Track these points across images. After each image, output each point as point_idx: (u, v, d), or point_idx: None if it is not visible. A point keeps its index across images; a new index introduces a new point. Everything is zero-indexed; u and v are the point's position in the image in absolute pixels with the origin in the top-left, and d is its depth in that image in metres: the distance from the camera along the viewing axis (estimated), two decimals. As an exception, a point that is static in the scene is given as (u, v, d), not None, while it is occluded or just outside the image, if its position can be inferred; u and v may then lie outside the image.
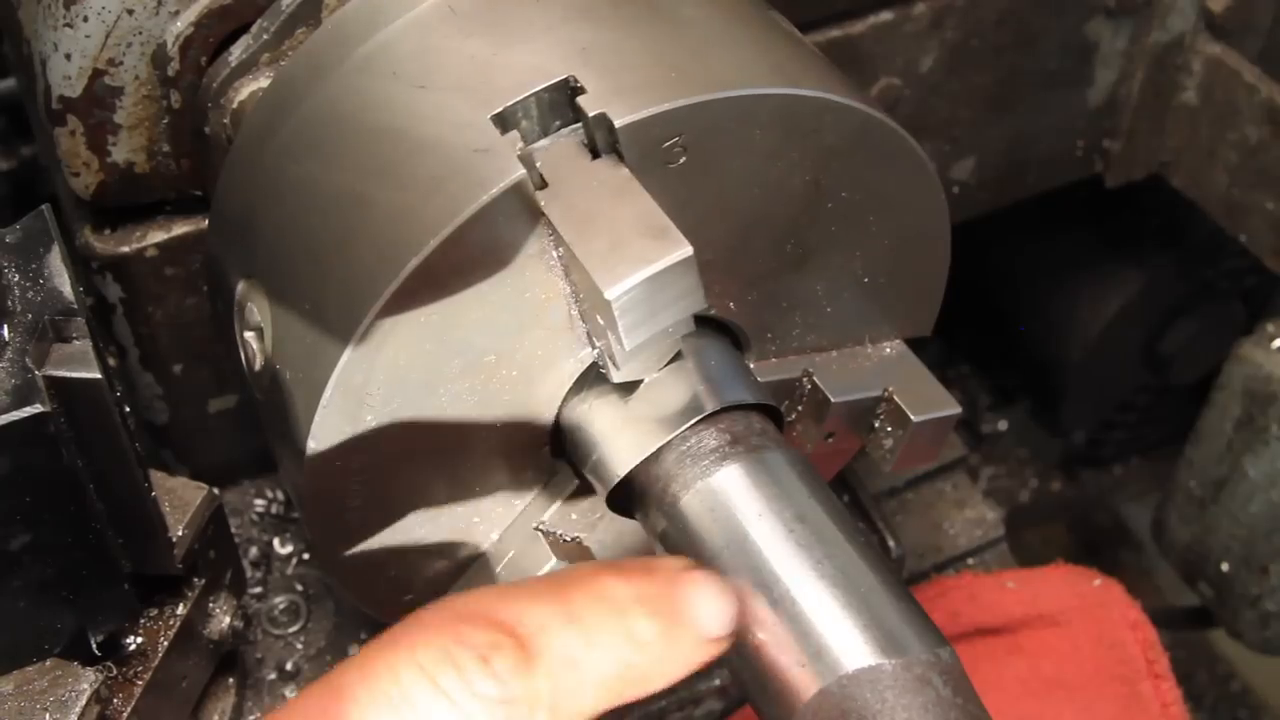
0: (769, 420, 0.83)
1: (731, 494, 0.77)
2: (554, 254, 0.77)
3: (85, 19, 0.91)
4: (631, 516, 0.85)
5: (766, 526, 0.75)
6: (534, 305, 0.79)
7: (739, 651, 0.72)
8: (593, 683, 0.62)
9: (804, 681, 0.70)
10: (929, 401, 0.91)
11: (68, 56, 0.92)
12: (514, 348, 0.80)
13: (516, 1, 0.82)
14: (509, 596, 0.62)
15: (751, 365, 0.89)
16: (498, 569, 0.88)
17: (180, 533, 0.91)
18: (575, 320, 0.80)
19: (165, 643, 0.92)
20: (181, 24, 0.92)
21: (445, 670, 0.57)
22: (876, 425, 0.93)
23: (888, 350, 0.94)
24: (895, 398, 0.91)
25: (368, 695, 0.57)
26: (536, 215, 0.75)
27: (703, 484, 0.78)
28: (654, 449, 0.80)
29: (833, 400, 0.90)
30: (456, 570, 0.89)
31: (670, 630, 0.65)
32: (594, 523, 0.87)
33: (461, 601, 0.61)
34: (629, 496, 0.83)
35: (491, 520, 0.88)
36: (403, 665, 0.58)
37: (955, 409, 0.91)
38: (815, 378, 0.91)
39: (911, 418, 0.90)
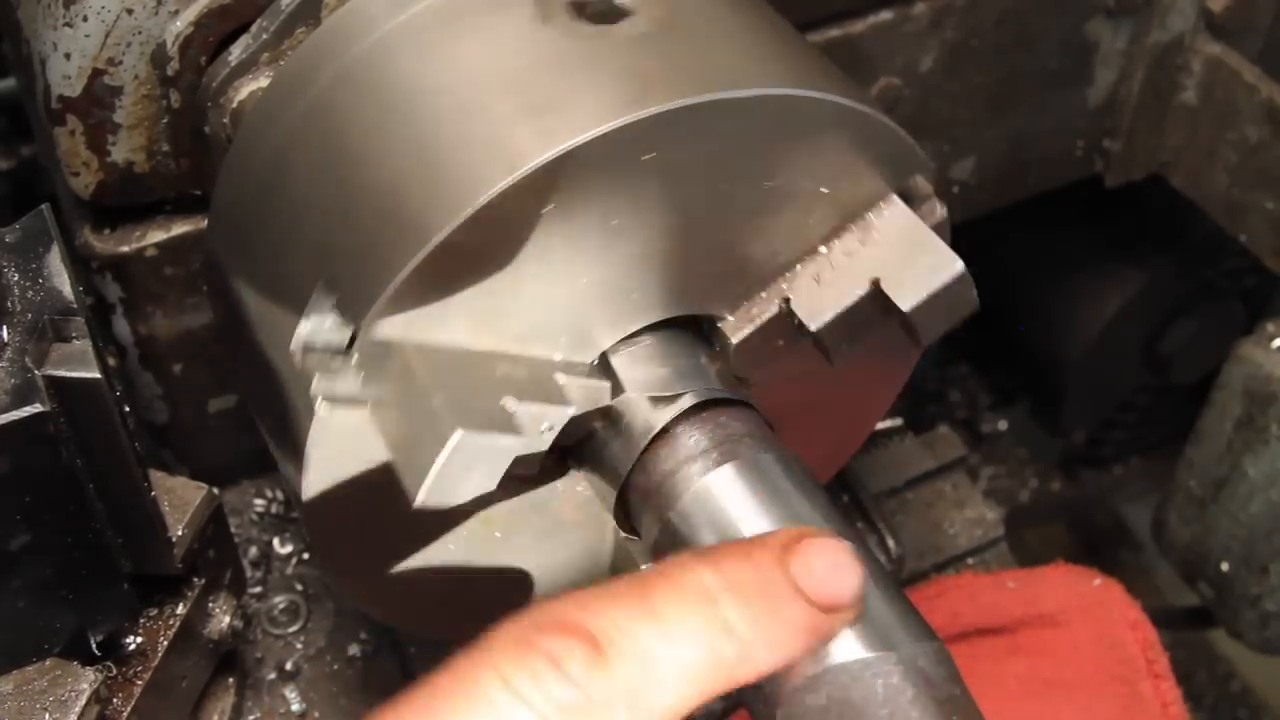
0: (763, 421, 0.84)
1: (726, 494, 0.78)
2: None
3: (85, 18, 0.91)
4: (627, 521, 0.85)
5: (761, 525, 0.76)
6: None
7: None
8: (673, 677, 0.61)
9: (791, 671, 0.70)
10: (924, 272, 0.78)
11: (67, 56, 0.92)
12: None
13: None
14: (589, 599, 0.63)
15: (729, 319, 0.83)
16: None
17: (180, 532, 0.91)
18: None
19: (165, 642, 0.92)
20: (181, 23, 0.92)
21: (520, 675, 0.59)
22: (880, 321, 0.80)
23: (873, 217, 0.80)
24: (881, 285, 0.77)
25: (452, 701, 0.59)
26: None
27: (700, 484, 0.78)
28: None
29: (812, 328, 0.79)
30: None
31: (767, 614, 0.64)
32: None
33: (541, 609, 0.62)
34: (626, 497, 0.83)
35: None
36: (483, 671, 0.59)
37: (955, 268, 0.78)
38: (791, 304, 0.79)
39: (901, 307, 0.77)
